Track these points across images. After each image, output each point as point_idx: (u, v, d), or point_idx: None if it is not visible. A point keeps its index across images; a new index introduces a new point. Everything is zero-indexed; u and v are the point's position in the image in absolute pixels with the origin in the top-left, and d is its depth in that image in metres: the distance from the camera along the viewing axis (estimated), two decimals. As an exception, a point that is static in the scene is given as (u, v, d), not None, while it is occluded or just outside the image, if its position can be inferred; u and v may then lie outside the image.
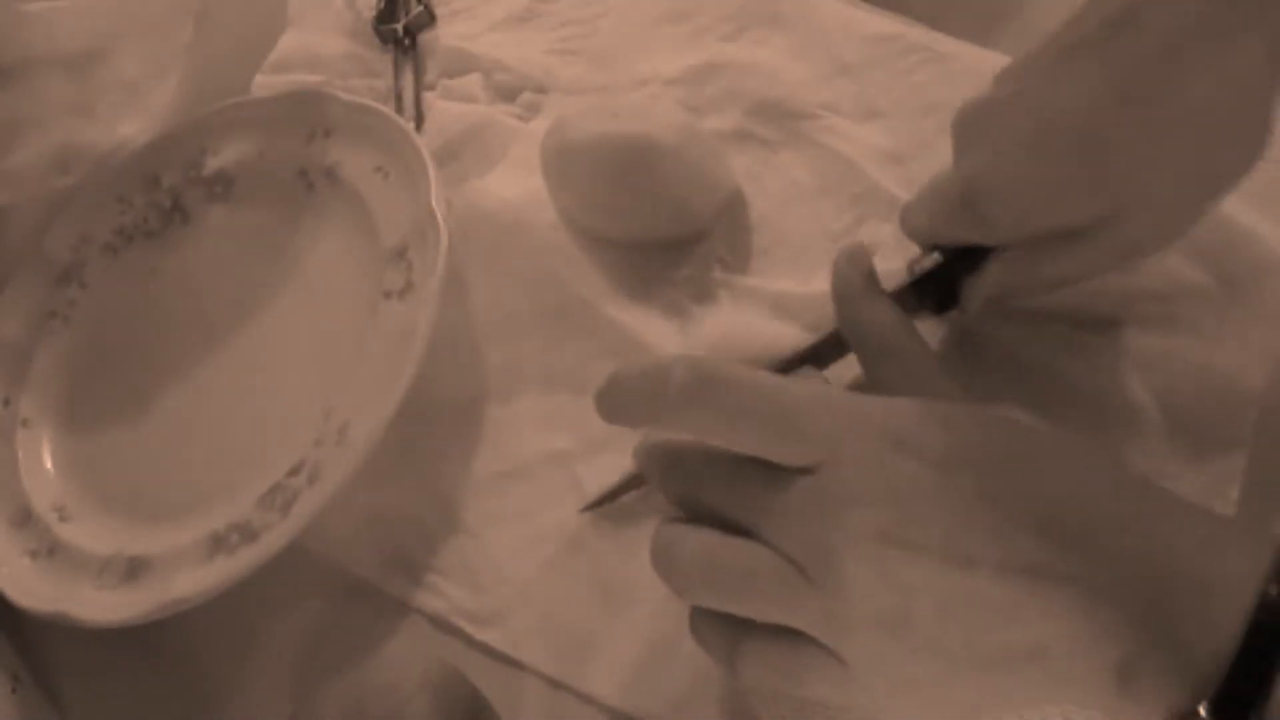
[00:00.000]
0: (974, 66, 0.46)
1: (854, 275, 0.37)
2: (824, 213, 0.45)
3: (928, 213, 0.38)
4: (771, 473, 0.31)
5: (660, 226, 0.44)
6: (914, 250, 0.42)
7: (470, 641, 0.41)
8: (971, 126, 0.36)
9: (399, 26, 0.55)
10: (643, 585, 0.39)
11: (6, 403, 0.50)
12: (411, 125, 0.50)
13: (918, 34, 0.48)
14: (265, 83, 0.55)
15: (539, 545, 0.41)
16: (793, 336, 0.42)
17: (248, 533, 0.41)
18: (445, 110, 0.52)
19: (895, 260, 0.43)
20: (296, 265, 0.49)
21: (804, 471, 0.30)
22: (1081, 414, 0.38)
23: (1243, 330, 0.39)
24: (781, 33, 0.50)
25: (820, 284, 0.43)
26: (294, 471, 0.42)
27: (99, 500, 0.47)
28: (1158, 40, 0.32)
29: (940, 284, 0.38)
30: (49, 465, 0.48)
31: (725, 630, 0.32)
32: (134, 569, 0.43)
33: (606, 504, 0.40)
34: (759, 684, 0.33)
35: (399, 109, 0.53)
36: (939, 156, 0.44)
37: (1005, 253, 0.36)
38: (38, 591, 0.44)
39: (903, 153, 0.45)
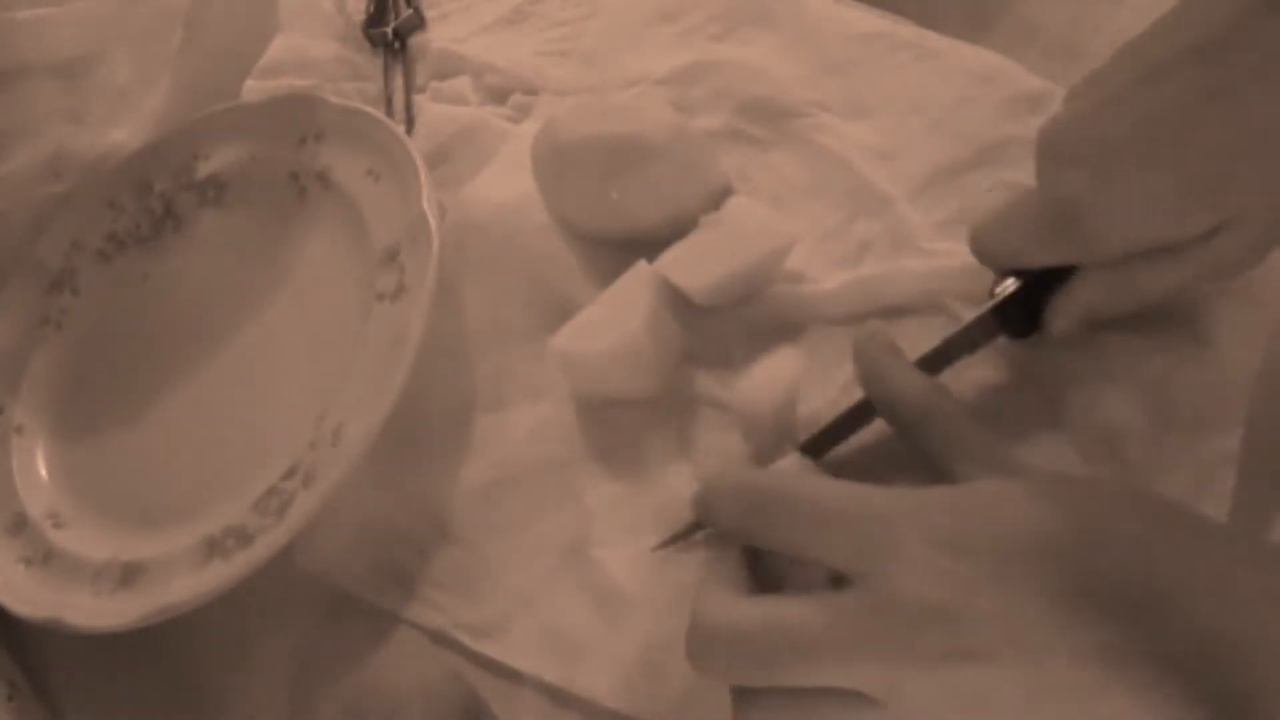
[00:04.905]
0: (963, 64, 0.47)
1: (878, 351, 0.37)
2: (815, 210, 0.45)
3: (1014, 236, 0.37)
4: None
5: (652, 226, 0.44)
6: (898, 255, 0.43)
7: (467, 651, 0.40)
8: (1060, 146, 0.36)
9: (389, 30, 0.56)
10: (640, 589, 0.39)
11: (0, 410, 0.50)
12: (402, 128, 0.50)
13: (907, 31, 0.49)
14: (256, 87, 0.55)
15: (535, 554, 0.41)
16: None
17: (243, 537, 0.41)
18: (436, 113, 0.53)
19: (888, 259, 0.43)
20: (289, 269, 0.49)
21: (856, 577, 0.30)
22: (1074, 412, 0.39)
23: (1233, 314, 0.39)
24: (771, 31, 0.50)
25: (811, 284, 0.43)
26: (289, 475, 0.42)
27: (94, 506, 0.47)
28: (1254, 64, 0.31)
29: (1022, 308, 0.38)
30: (43, 472, 0.48)
31: None
32: (129, 574, 0.43)
33: (678, 542, 0.37)
34: None
35: (389, 112, 0.53)
36: (928, 154, 0.45)
37: (1096, 271, 0.36)
38: (33, 598, 0.44)
39: (893, 150, 0.45)
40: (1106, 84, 0.35)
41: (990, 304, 0.38)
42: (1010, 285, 0.38)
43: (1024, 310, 0.38)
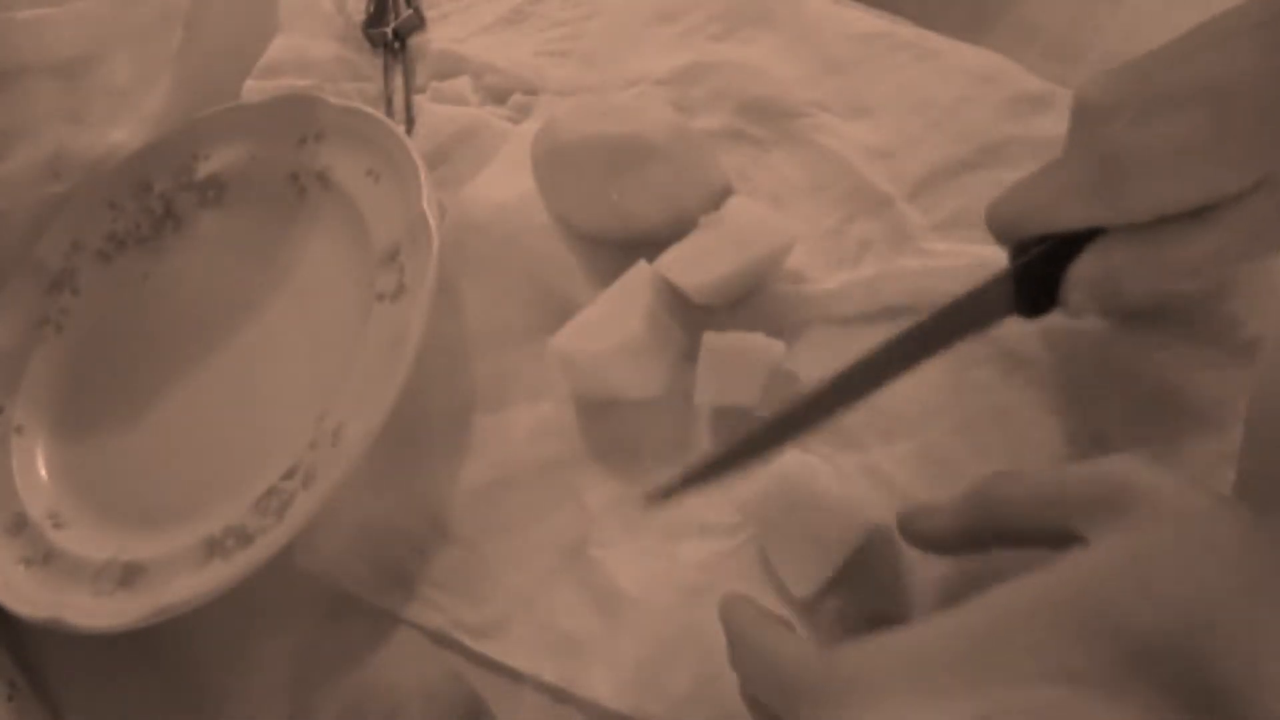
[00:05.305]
0: (962, 64, 0.47)
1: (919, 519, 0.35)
2: (815, 210, 0.45)
3: (1040, 198, 0.36)
4: None
5: (652, 226, 0.44)
6: (898, 255, 0.43)
7: (467, 651, 0.41)
8: (1102, 96, 0.35)
9: (389, 30, 0.56)
10: (640, 590, 0.39)
11: (0, 410, 0.50)
12: (402, 128, 0.50)
13: (906, 32, 0.49)
14: (256, 87, 0.55)
15: (535, 555, 0.41)
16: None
17: (243, 537, 0.41)
18: (436, 113, 0.53)
19: (888, 259, 0.43)
20: (289, 269, 0.49)
21: None
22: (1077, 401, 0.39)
23: (1233, 312, 0.39)
24: (771, 31, 0.50)
25: (811, 284, 0.43)
26: (289, 475, 0.42)
27: (94, 506, 0.47)
28: None
29: (1038, 282, 0.36)
30: (43, 472, 0.48)
31: None
32: (129, 574, 0.43)
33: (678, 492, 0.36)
34: None
35: (389, 112, 0.53)
36: (928, 154, 0.45)
37: (1122, 235, 0.34)
38: (33, 598, 0.44)
39: (892, 150, 0.45)
40: (1146, 60, 0.35)
41: (1012, 266, 0.36)
42: (1034, 250, 0.36)
43: (1040, 288, 0.36)
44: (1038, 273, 0.36)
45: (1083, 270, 0.35)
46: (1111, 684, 0.26)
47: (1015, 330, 0.39)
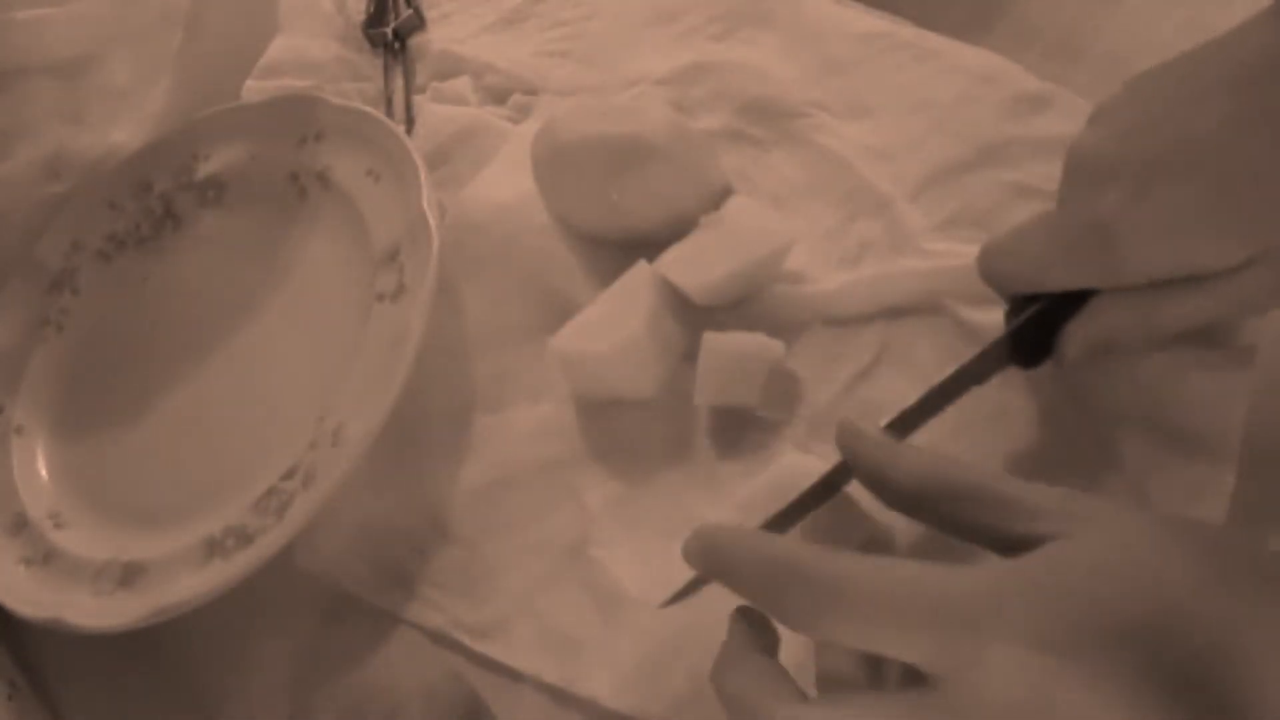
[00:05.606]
0: (962, 64, 0.47)
1: (874, 448, 0.33)
2: (815, 210, 0.45)
3: (1033, 257, 0.36)
4: None
5: (652, 226, 0.44)
6: (898, 255, 0.43)
7: (467, 651, 0.41)
8: (1096, 162, 0.35)
9: (389, 30, 0.56)
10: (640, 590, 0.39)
11: (0, 410, 0.50)
12: (402, 128, 0.50)
13: (906, 32, 0.49)
14: (256, 88, 0.55)
15: (535, 555, 0.41)
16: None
17: (243, 537, 0.41)
18: (436, 113, 0.53)
19: (888, 259, 0.43)
20: (289, 269, 0.49)
21: None
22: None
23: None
24: (770, 32, 0.50)
25: (811, 284, 0.43)
26: (288, 475, 0.42)
27: (94, 506, 0.47)
28: None
29: (1034, 336, 0.37)
30: (43, 472, 0.48)
31: None
32: (129, 574, 0.43)
33: (688, 595, 0.35)
34: None
35: (389, 112, 0.54)
36: (928, 154, 0.45)
37: (1116, 297, 0.35)
38: (34, 598, 0.44)
39: (892, 150, 0.45)
40: (1142, 105, 0.34)
41: (1008, 330, 0.37)
42: (1029, 310, 0.36)
43: (1035, 339, 0.37)
44: (1033, 327, 0.37)
45: (1077, 329, 0.36)
46: (1091, 662, 0.26)
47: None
